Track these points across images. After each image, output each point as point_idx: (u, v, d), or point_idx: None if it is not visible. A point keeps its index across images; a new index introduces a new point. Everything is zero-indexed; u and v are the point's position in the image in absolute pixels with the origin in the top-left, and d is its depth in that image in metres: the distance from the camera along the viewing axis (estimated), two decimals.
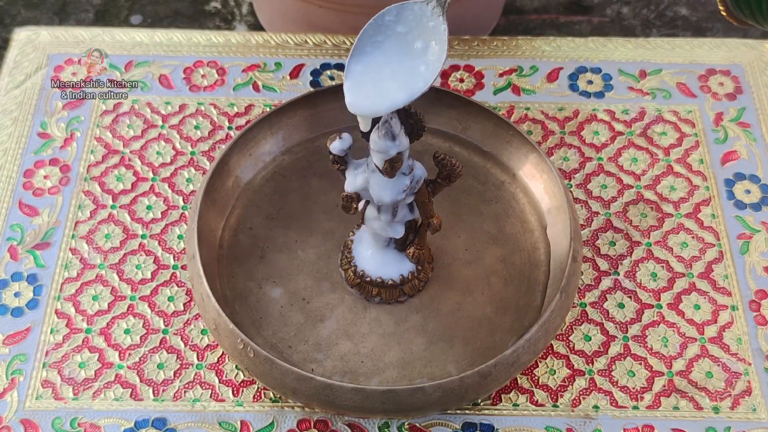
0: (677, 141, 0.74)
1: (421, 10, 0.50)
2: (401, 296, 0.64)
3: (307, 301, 0.64)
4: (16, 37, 0.80)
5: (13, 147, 0.73)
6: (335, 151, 0.57)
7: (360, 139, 0.56)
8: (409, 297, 0.64)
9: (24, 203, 0.70)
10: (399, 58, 0.51)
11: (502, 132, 0.69)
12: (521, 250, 0.67)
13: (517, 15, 1.28)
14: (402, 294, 0.64)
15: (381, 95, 0.51)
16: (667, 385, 0.62)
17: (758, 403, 0.61)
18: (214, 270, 0.64)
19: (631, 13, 1.28)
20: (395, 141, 0.54)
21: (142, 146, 0.73)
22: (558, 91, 0.77)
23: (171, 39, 0.80)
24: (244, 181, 0.69)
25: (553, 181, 0.65)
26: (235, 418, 0.61)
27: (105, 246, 0.68)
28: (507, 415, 0.61)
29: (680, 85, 0.78)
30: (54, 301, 0.65)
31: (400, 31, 0.50)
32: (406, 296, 0.64)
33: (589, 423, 0.61)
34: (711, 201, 0.71)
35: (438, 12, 0.49)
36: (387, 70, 0.51)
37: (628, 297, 0.66)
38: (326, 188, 0.69)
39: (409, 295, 0.64)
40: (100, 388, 0.61)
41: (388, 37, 0.50)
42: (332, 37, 0.80)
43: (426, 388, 0.55)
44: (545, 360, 0.63)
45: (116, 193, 0.71)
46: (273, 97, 0.76)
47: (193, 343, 0.63)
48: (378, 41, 0.50)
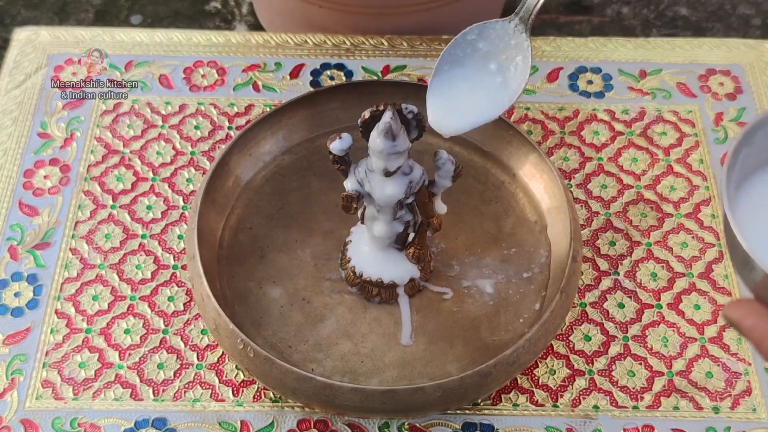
0: (677, 141, 0.74)
1: (503, 28, 0.49)
2: None
3: (307, 301, 0.64)
4: (16, 37, 0.80)
5: (13, 147, 0.73)
6: (335, 151, 0.57)
7: (360, 139, 0.57)
8: (410, 297, 0.64)
9: (24, 203, 0.70)
10: (482, 76, 0.50)
11: (502, 132, 0.69)
12: (521, 250, 0.67)
13: None
14: None
15: (464, 113, 0.51)
16: (667, 385, 0.62)
17: (758, 403, 0.61)
18: (214, 270, 0.64)
19: (631, 13, 1.28)
20: (395, 141, 0.54)
21: (142, 146, 0.73)
22: (558, 91, 0.77)
23: (171, 39, 0.80)
24: (244, 181, 0.69)
25: (553, 181, 0.65)
26: (235, 418, 0.61)
27: (105, 246, 0.68)
28: (507, 415, 0.61)
29: (680, 85, 0.78)
30: (54, 301, 0.65)
31: (482, 48, 0.50)
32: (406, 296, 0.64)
33: (589, 423, 0.61)
34: (711, 201, 0.71)
35: (521, 29, 0.49)
36: (469, 88, 0.51)
37: (628, 297, 0.66)
38: (326, 188, 0.69)
39: (410, 295, 0.64)
40: (100, 388, 0.61)
41: (470, 55, 0.50)
42: (332, 37, 0.80)
43: (426, 388, 0.55)
44: (545, 360, 0.63)
45: (116, 193, 0.71)
46: (273, 97, 0.77)
47: (193, 343, 0.63)
48: (459, 58, 0.50)
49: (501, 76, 0.50)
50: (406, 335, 0.62)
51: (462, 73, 0.50)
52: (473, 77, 0.50)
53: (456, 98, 0.51)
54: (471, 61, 0.50)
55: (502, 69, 0.50)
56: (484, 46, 0.49)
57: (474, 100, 0.51)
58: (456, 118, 0.51)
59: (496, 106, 0.50)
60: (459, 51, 0.49)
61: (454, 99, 0.51)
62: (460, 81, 0.50)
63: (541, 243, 0.66)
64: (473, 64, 0.50)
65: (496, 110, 0.50)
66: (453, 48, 0.50)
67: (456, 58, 0.50)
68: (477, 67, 0.50)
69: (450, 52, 0.50)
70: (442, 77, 0.50)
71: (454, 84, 0.50)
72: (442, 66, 0.50)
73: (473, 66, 0.50)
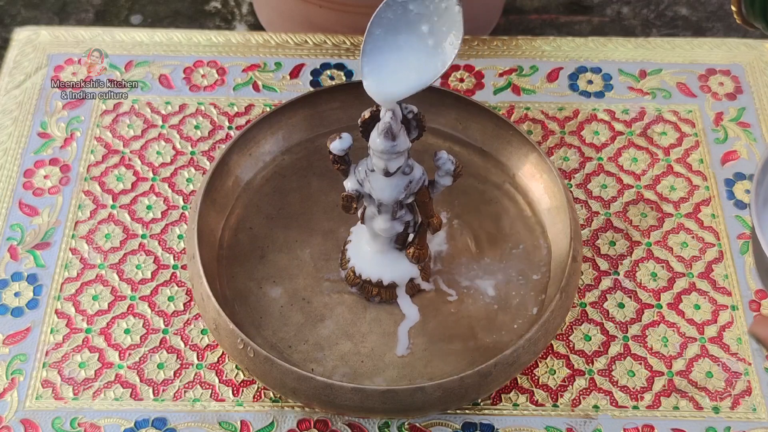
0: (677, 141, 0.74)
1: None
2: None
3: (307, 301, 0.64)
4: (16, 37, 0.80)
5: (13, 147, 0.73)
6: (335, 151, 0.57)
7: (360, 139, 0.57)
8: (410, 297, 0.64)
9: (24, 203, 0.70)
10: (414, 39, 0.49)
11: (502, 132, 0.69)
12: (521, 250, 0.66)
13: (517, 15, 1.28)
14: None
15: (399, 78, 0.50)
16: (667, 385, 0.62)
17: (758, 403, 0.61)
18: (214, 270, 0.64)
19: (631, 13, 1.28)
20: (395, 141, 0.54)
21: (142, 146, 0.73)
22: (558, 91, 0.77)
23: (171, 39, 0.80)
24: (244, 181, 0.69)
25: (553, 181, 0.65)
26: (235, 418, 0.61)
27: (105, 246, 0.68)
28: (507, 415, 0.61)
29: (680, 85, 0.78)
30: (54, 301, 0.65)
31: (412, 10, 0.48)
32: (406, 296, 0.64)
33: (589, 423, 0.61)
34: (711, 201, 0.71)
35: None
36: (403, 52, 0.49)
37: (628, 297, 0.66)
38: (326, 188, 0.69)
39: (410, 295, 0.64)
40: (100, 388, 0.61)
41: (400, 17, 0.48)
42: (332, 37, 0.80)
43: (426, 388, 0.55)
44: (545, 360, 0.63)
45: (116, 193, 0.71)
46: (273, 97, 0.77)
47: (193, 343, 0.63)
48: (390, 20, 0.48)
49: (433, 38, 0.49)
50: (402, 347, 0.62)
51: (394, 37, 0.48)
52: (406, 40, 0.48)
53: (390, 63, 0.49)
54: (402, 24, 0.48)
55: (434, 31, 0.49)
56: (414, 8, 0.48)
57: (408, 64, 0.49)
58: (391, 83, 0.49)
59: (431, 71, 0.49)
60: (390, 13, 0.48)
61: (388, 64, 0.49)
62: (393, 45, 0.49)
63: (541, 243, 0.66)
64: (405, 27, 0.48)
65: (431, 75, 0.49)
66: (384, 11, 0.48)
67: (387, 20, 0.48)
68: (409, 30, 0.48)
69: (380, 15, 0.48)
70: (374, 43, 0.48)
71: (387, 48, 0.49)
72: (373, 30, 0.48)
73: (405, 29, 0.48)
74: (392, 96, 0.51)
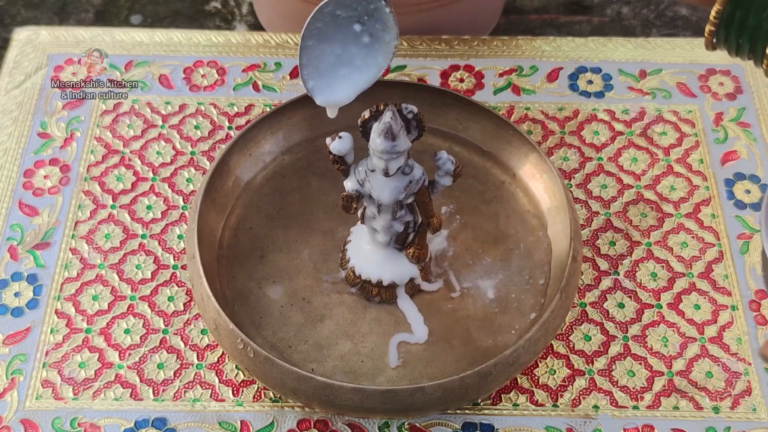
0: (677, 141, 0.74)
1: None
2: None
3: (307, 301, 0.64)
4: (16, 37, 0.80)
5: (13, 147, 0.73)
6: (335, 151, 0.57)
7: (360, 139, 0.56)
8: (410, 297, 0.64)
9: (24, 203, 0.70)
10: (349, 41, 0.49)
11: (502, 132, 0.69)
12: (521, 250, 0.66)
13: (517, 15, 1.28)
14: None
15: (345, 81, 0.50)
16: (667, 385, 0.62)
17: (758, 403, 0.61)
18: (214, 270, 0.64)
19: (631, 13, 1.28)
20: (395, 141, 0.54)
21: (142, 146, 0.73)
22: (558, 91, 0.77)
23: (171, 39, 0.80)
24: (244, 181, 0.69)
25: (553, 181, 0.65)
26: (235, 418, 0.61)
27: (105, 246, 0.68)
28: (507, 415, 0.61)
29: (680, 85, 0.78)
30: (54, 301, 0.65)
31: (340, 15, 0.49)
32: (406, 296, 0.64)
33: (589, 423, 0.61)
34: (711, 201, 0.71)
35: None
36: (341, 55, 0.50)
37: (628, 297, 0.66)
38: (326, 188, 0.69)
39: (410, 295, 0.64)
40: (100, 388, 0.61)
41: (329, 23, 0.49)
42: None
43: (426, 388, 0.55)
44: (545, 360, 0.63)
45: (116, 193, 0.71)
46: (273, 97, 0.76)
47: (193, 343, 0.63)
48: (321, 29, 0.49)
49: (368, 35, 0.49)
50: (393, 359, 0.62)
51: (329, 44, 0.49)
52: (341, 43, 0.49)
53: (331, 70, 0.50)
54: (334, 29, 0.48)
55: (367, 29, 0.49)
56: (342, 12, 0.48)
57: (350, 65, 0.49)
58: (339, 90, 0.50)
59: (374, 66, 0.50)
60: (319, 23, 0.48)
61: (330, 71, 0.50)
62: (329, 52, 0.49)
63: (541, 243, 0.66)
64: (337, 31, 0.48)
65: (376, 70, 0.50)
66: (312, 23, 0.48)
67: (318, 30, 0.48)
68: (343, 32, 0.49)
69: (310, 28, 0.48)
70: (310, 53, 0.49)
71: (324, 56, 0.49)
72: (306, 42, 0.48)
73: (338, 33, 0.49)
74: (342, 101, 0.51)
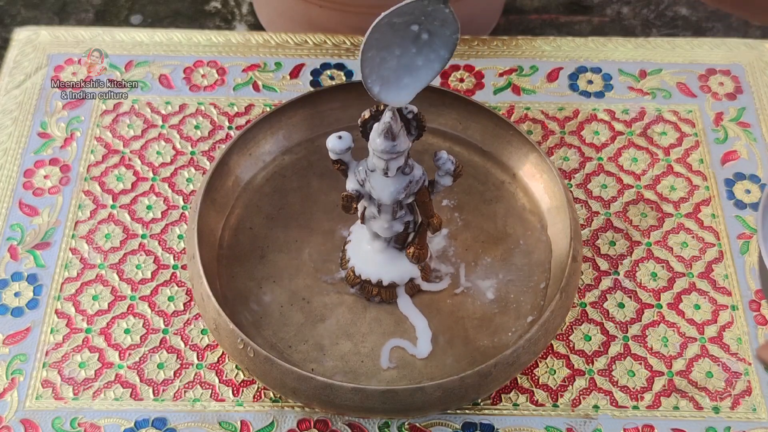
0: (677, 141, 0.74)
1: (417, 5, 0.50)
2: None
3: (307, 301, 0.64)
4: (16, 37, 0.80)
5: (13, 147, 0.73)
6: (335, 151, 0.57)
7: (360, 139, 0.57)
8: (410, 297, 0.64)
9: (24, 203, 0.70)
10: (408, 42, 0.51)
11: (502, 132, 0.69)
12: (521, 250, 0.67)
13: (517, 15, 1.28)
14: None
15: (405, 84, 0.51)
16: (667, 385, 0.62)
17: (758, 403, 0.61)
18: (214, 270, 0.64)
19: (631, 13, 1.28)
20: (395, 141, 0.54)
21: (142, 146, 0.73)
22: (558, 90, 0.77)
23: (171, 39, 0.80)
24: (244, 181, 0.69)
25: (553, 181, 0.65)
26: (235, 418, 0.61)
27: (105, 246, 0.68)
28: (507, 415, 0.61)
29: (680, 84, 0.78)
30: (54, 301, 0.65)
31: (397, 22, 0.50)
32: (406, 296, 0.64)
33: (589, 423, 0.61)
34: (711, 201, 0.71)
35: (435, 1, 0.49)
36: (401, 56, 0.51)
37: (628, 297, 0.66)
38: (326, 188, 0.69)
39: (410, 295, 0.64)
40: (100, 388, 0.61)
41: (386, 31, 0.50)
42: (332, 37, 0.80)
43: (426, 388, 0.55)
44: (545, 360, 0.63)
45: (116, 192, 0.71)
46: (273, 97, 0.77)
47: (193, 343, 0.63)
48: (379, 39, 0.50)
49: (426, 33, 0.51)
50: (384, 361, 0.62)
51: (388, 50, 0.50)
52: (400, 46, 0.51)
53: (394, 71, 0.51)
54: (391, 36, 0.50)
55: (425, 27, 0.50)
56: (399, 20, 0.50)
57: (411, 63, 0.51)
58: (405, 86, 0.52)
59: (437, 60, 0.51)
60: (377, 35, 0.50)
61: (393, 72, 0.51)
62: (390, 57, 0.51)
63: (541, 243, 0.66)
64: (395, 36, 0.50)
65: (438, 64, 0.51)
66: (371, 36, 0.50)
67: (376, 41, 0.50)
68: (401, 36, 0.50)
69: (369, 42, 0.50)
70: (372, 63, 0.50)
71: (386, 61, 0.51)
72: (366, 55, 0.50)
73: (395, 37, 0.50)
74: (410, 97, 0.53)
